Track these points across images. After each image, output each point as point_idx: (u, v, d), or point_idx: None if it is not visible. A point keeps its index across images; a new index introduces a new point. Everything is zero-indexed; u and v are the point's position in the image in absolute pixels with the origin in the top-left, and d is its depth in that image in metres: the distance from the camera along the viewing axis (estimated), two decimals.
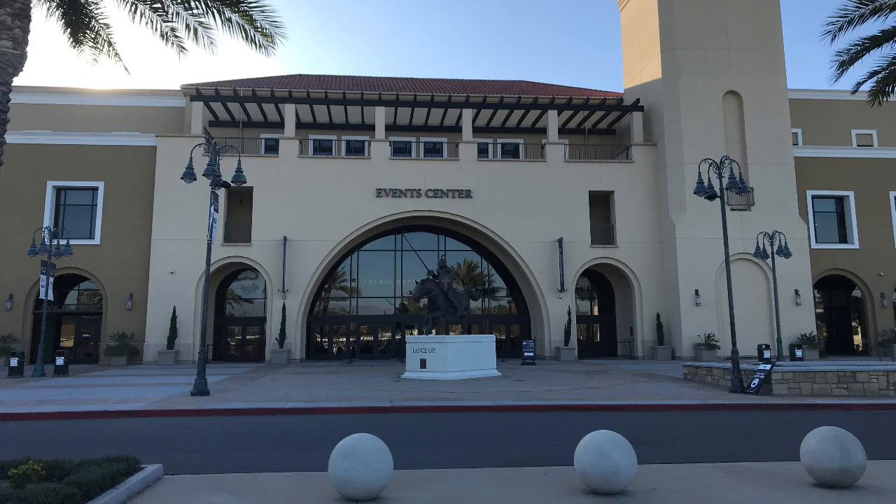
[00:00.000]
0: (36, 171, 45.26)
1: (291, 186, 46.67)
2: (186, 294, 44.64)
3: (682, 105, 47.56)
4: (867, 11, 25.53)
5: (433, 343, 31.57)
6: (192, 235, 44.21)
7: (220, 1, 16.78)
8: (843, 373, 23.96)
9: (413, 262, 50.02)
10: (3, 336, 43.43)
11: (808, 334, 45.73)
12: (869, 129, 56.80)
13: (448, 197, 47.67)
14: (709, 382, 28.23)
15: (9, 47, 13.07)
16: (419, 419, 19.15)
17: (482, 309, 51.72)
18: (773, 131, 47.84)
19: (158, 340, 44.04)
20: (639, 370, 36.06)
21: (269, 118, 51.75)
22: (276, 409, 20.68)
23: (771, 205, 46.67)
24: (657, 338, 46.90)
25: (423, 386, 27.31)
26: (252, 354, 49.14)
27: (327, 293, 51.33)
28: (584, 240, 48.24)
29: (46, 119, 50.29)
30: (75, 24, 17.98)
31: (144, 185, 45.94)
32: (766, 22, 49.23)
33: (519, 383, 28.42)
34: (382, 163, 47.80)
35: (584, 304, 53.27)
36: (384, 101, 49.69)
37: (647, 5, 51.27)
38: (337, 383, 28.88)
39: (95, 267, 45.16)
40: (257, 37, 17.46)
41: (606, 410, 20.87)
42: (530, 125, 54.15)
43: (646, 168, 49.28)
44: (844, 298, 53.54)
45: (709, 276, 45.84)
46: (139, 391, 25.92)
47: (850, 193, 50.43)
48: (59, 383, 30.20)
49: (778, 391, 23.65)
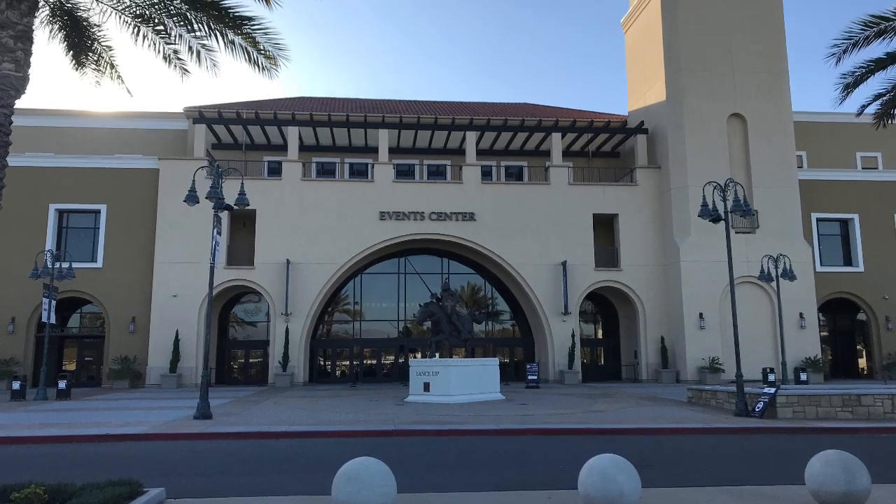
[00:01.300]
0: (38, 194, 45.28)
1: (295, 209, 46.64)
2: (189, 317, 44.56)
3: (687, 127, 47.56)
4: (872, 34, 25.54)
5: (437, 366, 31.49)
6: (195, 258, 44.13)
7: (223, 23, 16.78)
8: (848, 396, 23.86)
9: (416, 285, 49.96)
10: (6, 359, 43.33)
11: (813, 357, 45.59)
12: (874, 152, 56.71)
13: (452, 220, 47.63)
14: (713, 406, 28.11)
15: (11, 70, 13.08)
16: (422, 443, 19.07)
17: (486, 332, 51.62)
18: (778, 154, 47.81)
19: (161, 364, 43.93)
20: (643, 394, 35.93)
21: (273, 141, 51.75)
22: (279, 433, 20.60)
23: (775, 228, 46.59)
24: (661, 361, 46.76)
25: (426, 409, 27.23)
26: (255, 378, 49.01)
27: (330, 316, 51.24)
28: (588, 263, 48.17)
29: (49, 142, 50.29)
30: (78, 47, 18.00)
31: (147, 208, 45.92)
32: (771, 44, 49.26)
33: (523, 407, 28.32)
34: (386, 185, 47.79)
35: (588, 328, 53.11)
36: (388, 124, 49.75)
37: (651, 27, 51.35)
38: (340, 407, 28.80)
39: (98, 290, 45.11)
40: (260, 59, 17.47)
41: (610, 434, 20.77)
42: (534, 148, 54.10)
43: (650, 191, 49.24)
44: (849, 321, 53.40)
45: (713, 299, 45.76)
46: (142, 415, 25.85)
47: (854, 216, 50.34)
48: (61, 406, 30.14)
49: (783, 414, 23.53)
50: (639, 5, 53.48)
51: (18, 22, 13.31)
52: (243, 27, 16.95)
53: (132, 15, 17.27)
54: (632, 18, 55.10)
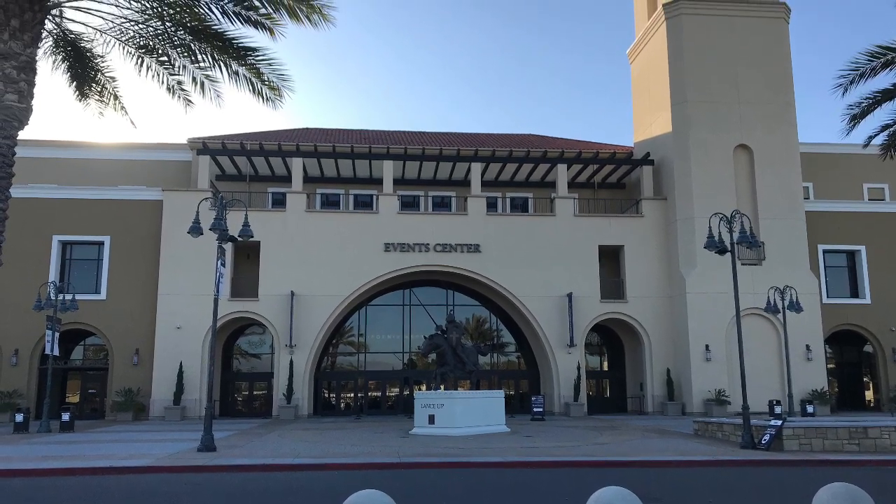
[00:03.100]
0: (41, 226, 45.25)
1: (299, 241, 46.61)
2: (193, 349, 44.42)
3: (693, 159, 47.51)
4: (878, 65, 25.59)
5: (442, 399, 31.40)
6: (199, 290, 43.95)
7: (227, 54, 16.84)
8: (855, 428, 23.72)
9: (421, 317, 49.84)
10: (9, 391, 43.19)
11: (820, 390, 45.34)
12: (881, 183, 56.56)
13: (457, 251, 47.57)
14: (719, 438, 27.96)
15: (14, 100, 13.10)
16: (427, 475, 18.95)
17: (491, 364, 51.41)
18: (785, 185, 47.72)
19: (165, 396, 43.76)
20: (649, 426, 35.77)
21: (277, 172, 51.76)
22: (283, 466, 20.49)
23: (782, 259, 46.45)
24: (667, 393, 46.55)
25: (431, 442, 27.09)
26: (259, 410, 48.81)
27: (335, 348, 51.11)
28: (594, 294, 48.04)
29: (52, 173, 50.26)
30: (81, 78, 18.06)
31: (151, 240, 45.87)
32: (777, 75, 49.24)
33: (528, 439, 28.18)
34: (390, 217, 47.77)
35: (594, 360, 52.90)
36: (392, 155, 49.76)
37: (657, 58, 51.39)
38: (344, 439, 28.66)
39: (101, 322, 45.02)
40: (264, 90, 17.51)
41: (616, 466, 20.64)
42: (539, 179, 54.05)
43: (656, 222, 49.16)
44: (856, 353, 53.15)
45: (719, 331, 45.58)
46: (145, 447, 25.74)
47: (861, 248, 50.17)
48: (64, 439, 30.03)
49: (789, 447, 23.40)
50: (644, 36, 53.58)
51: (22, 52, 13.34)
52: (247, 58, 17.01)
53: (136, 46, 17.32)
54: (637, 49, 55.19)
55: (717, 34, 49.15)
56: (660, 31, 50.82)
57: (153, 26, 17.15)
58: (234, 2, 16.81)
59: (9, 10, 13.64)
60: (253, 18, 17.26)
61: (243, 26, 17.30)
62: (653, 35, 52.05)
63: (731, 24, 49.37)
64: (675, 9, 49.41)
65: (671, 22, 49.61)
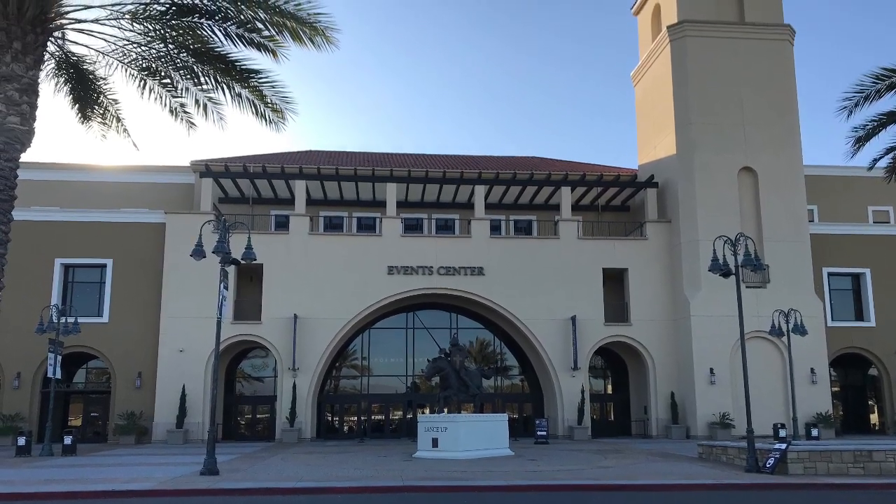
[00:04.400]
0: (44, 249, 45.22)
1: (302, 264, 46.57)
2: (196, 372, 44.31)
3: (697, 181, 47.47)
4: (883, 87, 25.60)
5: (445, 422, 31.32)
6: (202, 313, 43.79)
7: (230, 76, 16.85)
8: (860, 452, 23.65)
9: (425, 340, 49.74)
10: (11, 415, 43.07)
11: (824, 413, 45.19)
12: (885, 206, 56.50)
13: (460, 274, 47.53)
14: (724, 462, 27.85)
15: (16, 123, 13.08)
16: (431, 499, 18.86)
17: (494, 387, 51.25)
18: (789, 208, 47.66)
19: (167, 419, 43.62)
20: (653, 449, 35.65)
21: (280, 194, 51.76)
22: (286, 489, 20.41)
23: (786, 282, 46.34)
24: (671, 416, 46.38)
25: (434, 465, 26.99)
26: (262, 433, 48.65)
27: (338, 371, 51.00)
28: (598, 317, 47.94)
29: (54, 196, 50.27)
30: (84, 100, 18.08)
31: (153, 263, 45.81)
32: (782, 97, 49.21)
33: (532, 462, 28.07)
34: (394, 240, 47.75)
35: (598, 383, 52.70)
36: (395, 178, 49.77)
37: (661, 80, 51.42)
38: (348, 462, 28.57)
39: (104, 345, 44.93)
40: (267, 112, 17.52)
41: (620, 490, 20.55)
42: (543, 202, 54.03)
43: (660, 245, 49.09)
44: (860, 377, 52.98)
45: (724, 354, 45.44)
46: (148, 470, 25.66)
47: (866, 270, 50.06)
48: (67, 462, 29.95)
49: (793, 470, 23.29)
50: (648, 58, 53.65)
51: (24, 75, 13.34)
52: (250, 80, 17.02)
53: (138, 68, 17.33)
54: (641, 71, 55.25)
55: (721, 56, 49.17)
56: (664, 53, 50.88)
57: (156, 48, 17.18)
58: (237, 24, 16.85)
59: (11, 32, 13.65)
60: (256, 41, 17.29)
61: (246, 49, 17.34)
62: (657, 57, 52.11)
63: (736, 46, 49.41)
64: (680, 31, 49.48)
65: (675, 44, 49.69)
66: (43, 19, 14.54)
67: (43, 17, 14.53)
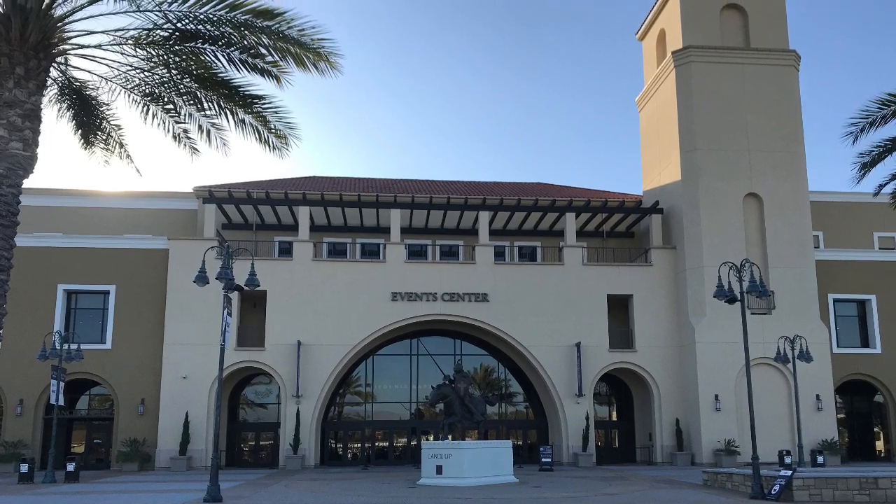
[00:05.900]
0: (46, 275, 45.22)
1: (306, 290, 46.54)
2: (199, 399, 44.22)
3: (702, 207, 47.40)
4: (889, 113, 25.59)
5: (449, 449, 31.22)
6: (205, 340, 43.76)
7: (234, 102, 16.86)
8: (865, 479, 23.62)
9: (429, 366, 49.66)
10: (14, 442, 42.94)
11: (830, 440, 45.00)
12: (891, 232, 56.26)
13: (464, 301, 47.46)
14: (729, 489, 27.72)
15: (19, 149, 13.07)
16: None
17: (499, 414, 51.15)
18: (794, 234, 47.56)
19: (171, 446, 43.51)
20: (658, 476, 35.51)
21: (283, 220, 51.77)
22: None
23: (792, 308, 46.22)
24: (676, 443, 46.20)
25: (439, 492, 26.88)
26: (265, 460, 48.52)
27: (342, 398, 50.88)
28: (603, 344, 47.80)
29: (57, 222, 50.28)
30: (86, 126, 18.09)
31: (156, 289, 45.79)
32: (787, 123, 49.13)
33: (536, 489, 27.98)
34: (398, 266, 47.72)
35: (603, 409, 52.55)
36: (399, 204, 49.79)
37: (666, 106, 51.42)
38: (351, 489, 28.47)
39: (107, 371, 44.85)
40: (271, 138, 17.52)
41: None
42: (548, 228, 53.96)
43: (665, 271, 49.01)
44: (866, 403, 52.80)
45: (729, 381, 45.29)
46: (151, 497, 25.60)
47: (872, 297, 49.91)
48: (69, 489, 29.86)
49: (799, 497, 23.22)
50: (653, 84, 53.71)
51: (26, 101, 13.33)
52: (254, 106, 17.03)
53: (141, 94, 17.35)
54: (646, 97, 55.30)
55: (726, 82, 49.15)
56: (669, 78, 50.89)
57: (159, 74, 17.20)
58: (240, 50, 16.87)
59: (13, 57, 13.67)
60: (259, 66, 17.31)
61: (250, 74, 17.36)
62: (662, 83, 52.13)
63: (741, 71, 49.40)
64: (685, 56, 49.50)
65: (680, 70, 49.70)
66: (46, 45, 14.57)
67: (46, 42, 14.56)
